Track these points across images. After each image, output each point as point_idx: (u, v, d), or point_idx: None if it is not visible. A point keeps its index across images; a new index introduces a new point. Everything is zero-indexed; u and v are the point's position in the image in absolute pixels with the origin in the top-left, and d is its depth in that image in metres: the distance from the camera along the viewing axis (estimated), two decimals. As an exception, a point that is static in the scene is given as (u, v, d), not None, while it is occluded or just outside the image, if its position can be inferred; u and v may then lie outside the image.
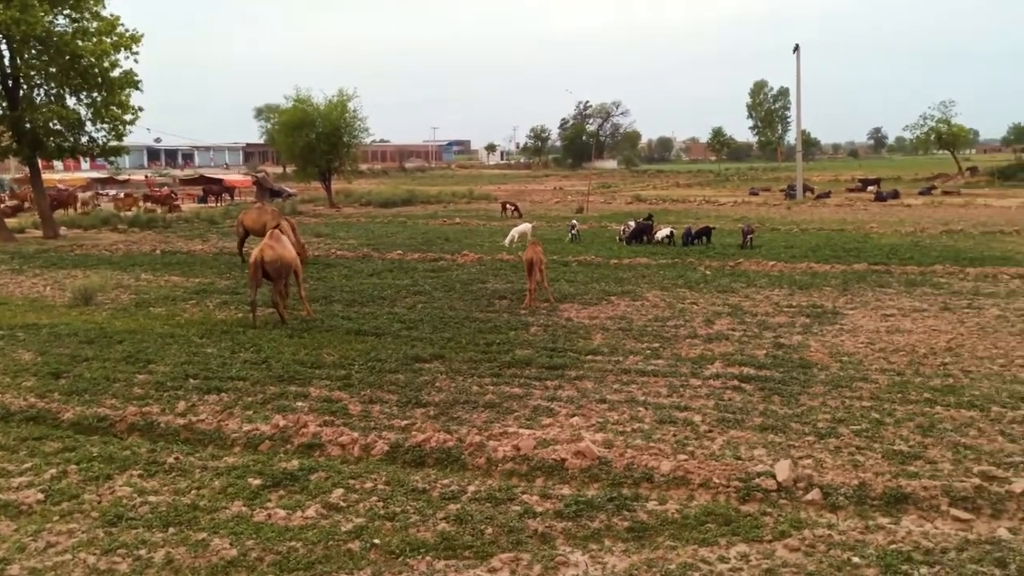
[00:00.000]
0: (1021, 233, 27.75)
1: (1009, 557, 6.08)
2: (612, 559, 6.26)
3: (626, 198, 51.11)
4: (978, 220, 32.71)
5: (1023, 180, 62.39)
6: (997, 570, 5.93)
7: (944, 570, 5.93)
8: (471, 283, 18.70)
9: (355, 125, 47.44)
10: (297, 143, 46.03)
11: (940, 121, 78.79)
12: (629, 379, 10.87)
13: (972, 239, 26.41)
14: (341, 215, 40.76)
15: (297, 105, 47.11)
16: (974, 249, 23.66)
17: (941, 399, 9.80)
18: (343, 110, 46.57)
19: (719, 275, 19.69)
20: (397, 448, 8.52)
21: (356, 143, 49.24)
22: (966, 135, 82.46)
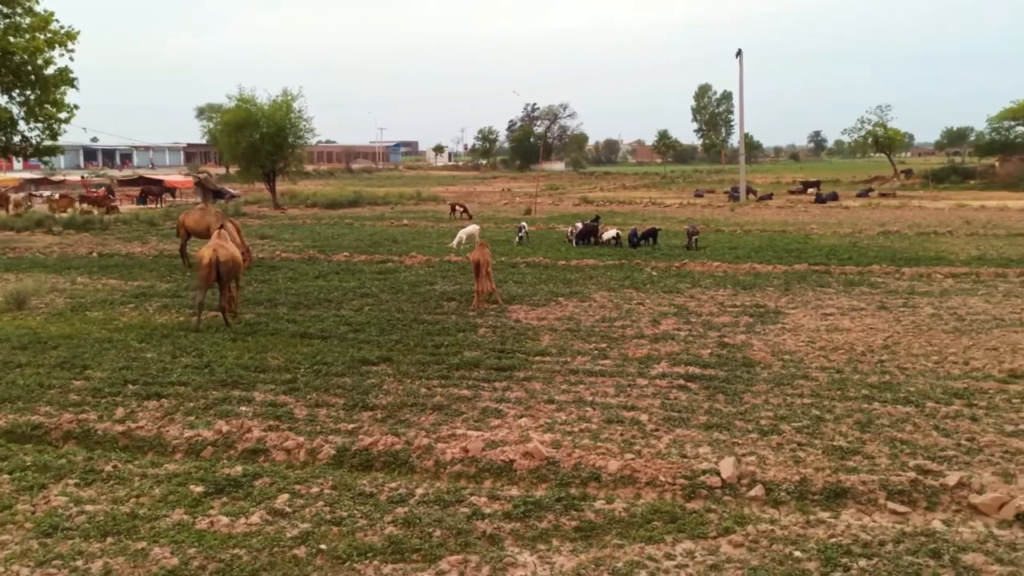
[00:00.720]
0: (954, 234, 28.71)
1: (943, 548, 6.28)
2: (560, 559, 6.29)
3: (574, 200, 51.42)
4: (913, 221, 33.74)
5: (956, 183, 64.61)
6: (932, 561, 6.11)
7: (882, 562, 6.09)
8: (419, 285, 18.61)
9: (300, 125, 46.78)
10: (240, 143, 45.19)
11: (877, 125, 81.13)
12: (577, 379, 10.93)
13: (907, 240, 27.22)
14: (286, 217, 40.18)
15: (240, 105, 46.27)
16: (909, 249, 24.40)
17: (878, 395, 10.07)
18: (288, 110, 45.88)
19: (665, 276, 19.94)
20: (344, 452, 8.43)
21: (301, 144, 48.55)
22: (901, 139, 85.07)
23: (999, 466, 7.84)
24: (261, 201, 48.32)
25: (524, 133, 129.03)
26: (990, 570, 5.96)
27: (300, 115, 46.59)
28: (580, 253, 24.32)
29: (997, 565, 6.03)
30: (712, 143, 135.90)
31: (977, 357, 11.86)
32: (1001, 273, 19.54)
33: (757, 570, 6.00)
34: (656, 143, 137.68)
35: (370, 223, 35.55)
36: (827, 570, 5.99)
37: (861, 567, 6.02)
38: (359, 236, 29.66)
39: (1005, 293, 17.03)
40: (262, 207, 45.59)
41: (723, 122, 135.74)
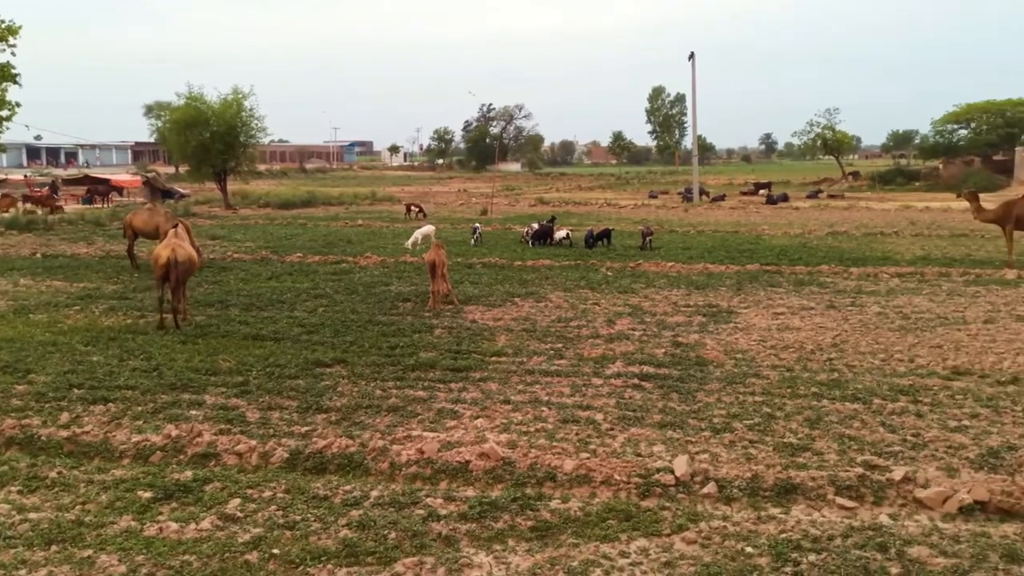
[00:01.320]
0: (899, 235, 29.45)
1: (890, 542, 6.42)
2: (516, 559, 6.29)
3: (530, 200, 51.55)
4: (860, 222, 34.52)
5: (901, 184, 66.30)
6: (879, 554, 6.25)
7: (830, 556, 6.21)
8: (374, 286, 18.48)
9: (252, 124, 46.14)
10: (190, 142, 44.41)
11: (826, 128, 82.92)
12: (533, 380, 10.95)
13: (855, 240, 27.83)
14: (238, 217, 39.58)
15: (189, 103, 45.46)
16: (857, 250, 24.96)
17: (827, 393, 10.27)
18: (239, 108, 45.21)
19: (620, 276, 20.09)
20: (297, 455, 8.32)
21: (253, 143, 47.93)
22: (849, 141, 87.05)
23: (943, 461, 8.04)
24: (212, 201, 47.53)
25: (480, 134, 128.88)
26: (934, 563, 6.11)
27: (252, 114, 46.00)
28: (536, 254, 24.39)
29: (941, 558, 6.18)
30: (666, 145, 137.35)
31: (922, 355, 12.16)
32: (945, 273, 20.08)
33: (710, 566, 6.07)
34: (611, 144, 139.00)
35: (324, 223, 35.19)
36: (778, 565, 6.09)
37: (811, 561, 6.14)
38: (313, 237, 29.35)
39: (948, 292, 17.51)
40: (213, 207, 44.84)
41: (677, 124, 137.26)
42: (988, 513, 7.01)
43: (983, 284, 18.52)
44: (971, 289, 17.87)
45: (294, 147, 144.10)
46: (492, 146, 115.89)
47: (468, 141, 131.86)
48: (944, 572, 5.98)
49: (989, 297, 16.86)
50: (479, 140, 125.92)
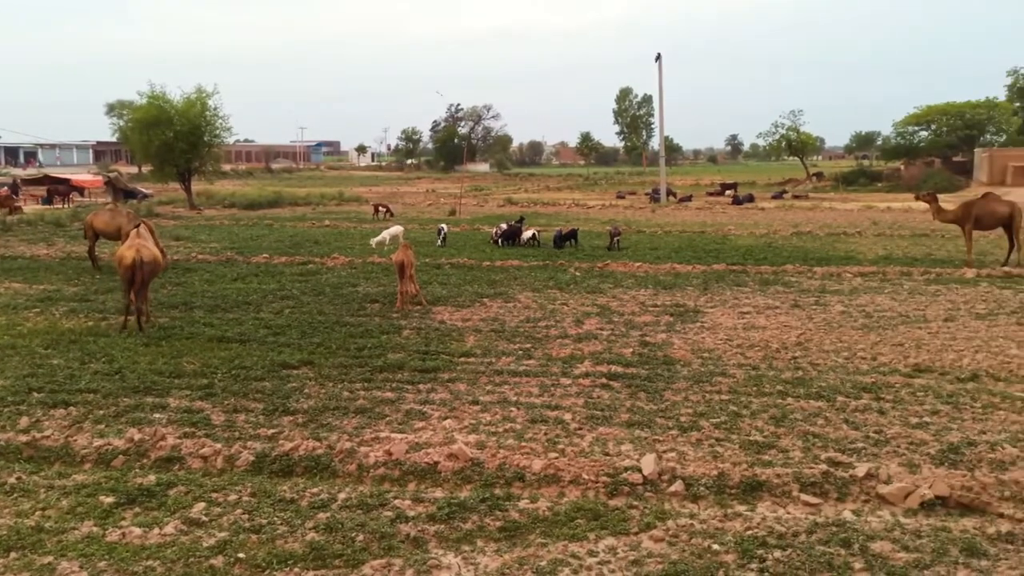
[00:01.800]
0: (862, 234, 29.90)
1: (853, 537, 6.52)
2: (484, 559, 6.29)
3: (498, 201, 51.52)
4: (824, 222, 35.00)
5: (864, 185, 67.33)
6: (843, 550, 6.34)
7: (795, 552, 6.29)
8: (341, 287, 18.35)
9: (216, 123, 45.54)
10: (153, 142, 43.70)
11: (790, 129, 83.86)
12: (502, 380, 10.95)
13: (819, 240, 28.22)
14: (202, 217, 39.07)
15: (152, 102, 44.73)
16: (821, 249, 25.30)
17: (792, 391, 10.40)
18: (203, 107, 44.61)
19: (588, 276, 20.17)
20: (263, 458, 8.24)
21: (218, 142, 47.31)
22: (813, 142, 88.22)
23: (905, 457, 8.18)
24: (176, 201, 46.85)
25: (448, 134, 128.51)
26: (896, 557, 6.22)
27: (216, 113, 45.40)
28: (504, 254, 24.39)
29: (903, 552, 6.29)
30: (633, 145, 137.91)
31: (884, 352, 12.36)
32: (906, 272, 20.43)
33: (677, 564, 6.12)
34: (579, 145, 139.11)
35: (291, 224, 34.87)
36: (744, 562, 6.16)
37: (776, 558, 6.21)
38: (279, 237, 29.07)
39: (910, 291, 17.82)
40: (177, 207, 44.21)
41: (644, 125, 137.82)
42: (949, 508, 7.15)
43: (943, 283, 18.88)
44: (932, 288, 18.20)
45: (260, 147, 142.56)
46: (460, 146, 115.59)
47: (436, 141, 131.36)
48: (906, 566, 6.09)
49: (949, 296, 17.19)
50: (447, 140, 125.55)
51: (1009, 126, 74.74)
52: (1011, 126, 74.75)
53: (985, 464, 7.95)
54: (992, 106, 75.60)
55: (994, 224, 22.32)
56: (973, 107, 75.05)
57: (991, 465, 7.93)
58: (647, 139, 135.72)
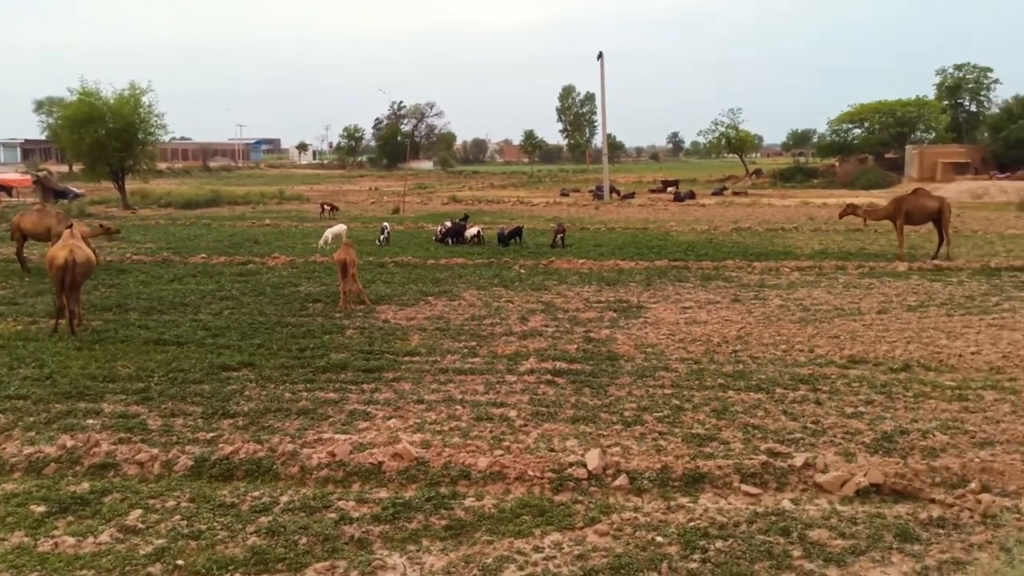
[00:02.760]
0: (799, 230, 30.62)
1: (792, 526, 6.67)
2: (430, 559, 6.25)
3: (443, 199, 51.36)
4: (763, 218, 35.74)
5: (801, 182, 68.97)
6: (782, 538, 6.48)
7: (736, 542, 6.40)
8: (282, 287, 18.06)
9: (151, 121, 44.36)
10: (84, 140, 42.36)
11: (729, 127, 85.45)
12: (447, 378, 10.90)
13: (758, 236, 28.80)
14: (137, 217, 38.05)
15: (83, 99, 43.35)
16: (760, 245, 25.83)
17: (733, 384, 10.58)
18: (136, 105, 43.41)
19: (533, 274, 20.22)
20: (202, 462, 8.05)
21: (152, 140, 46.12)
22: (752, 140, 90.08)
23: (841, 446, 8.39)
24: (109, 201, 45.53)
25: (391, 131, 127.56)
26: (833, 544, 6.37)
27: (150, 110, 44.21)
28: (449, 252, 24.31)
29: (840, 539, 6.45)
30: (577, 143, 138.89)
31: (820, 345, 12.67)
32: (841, 266, 20.98)
33: (621, 557, 6.17)
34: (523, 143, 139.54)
35: (230, 223, 34.19)
36: (686, 553, 6.24)
37: (718, 548, 6.31)
38: (218, 237, 28.47)
39: (845, 284, 18.30)
40: (110, 207, 42.96)
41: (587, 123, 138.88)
42: (883, 495, 7.35)
43: (877, 276, 19.44)
44: (866, 281, 18.73)
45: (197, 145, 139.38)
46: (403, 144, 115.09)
47: (379, 139, 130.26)
48: (843, 552, 6.24)
49: (882, 289, 17.71)
50: (390, 138, 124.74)
51: (938, 124, 77.38)
52: (940, 124, 77.41)
53: (917, 451, 8.21)
54: (922, 104, 78.16)
55: (924, 219, 23.08)
56: (904, 105, 77.47)
57: (923, 452, 8.18)
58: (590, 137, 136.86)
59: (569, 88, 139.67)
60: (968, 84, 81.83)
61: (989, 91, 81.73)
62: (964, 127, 79.50)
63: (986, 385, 10.43)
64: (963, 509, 6.97)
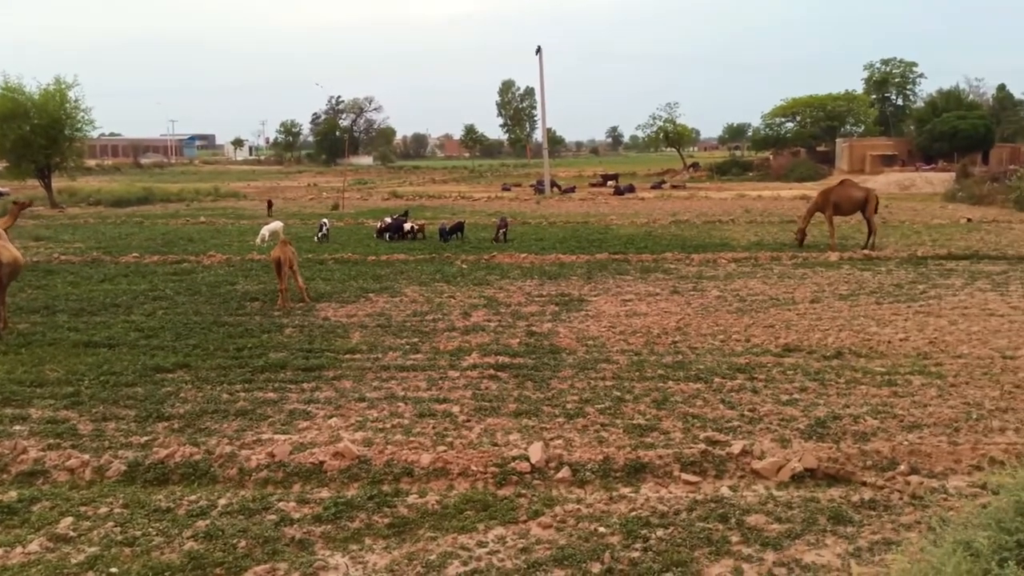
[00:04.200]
0: (735, 222, 31.24)
1: (730, 512, 6.81)
2: (373, 557, 6.20)
3: (383, 194, 50.95)
4: (700, 211, 36.34)
5: (737, 175, 70.41)
6: (720, 525, 6.61)
7: (677, 530, 6.50)
8: (219, 286, 17.68)
9: (77, 117, 42.94)
10: (8, 136, 40.76)
11: (667, 121, 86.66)
12: (389, 375, 10.83)
13: (696, 228, 29.28)
14: (65, 216, 36.81)
15: (5, 94, 41.69)
16: (698, 237, 26.27)
17: (672, 374, 10.75)
18: (62, 100, 41.96)
19: (475, 269, 20.20)
20: (136, 467, 7.84)
21: (80, 136, 44.67)
22: (689, 134, 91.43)
23: (776, 433, 8.59)
24: (35, 199, 43.86)
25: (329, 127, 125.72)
26: (770, 529, 6.52)
27: (77, 105, 42.81)
28: (390, 248, 24.12)
29: (776, 524, 6.61)
30: (517, 138, 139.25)
31: (757, 334, 12.95)
32: (776, 257, 21.48)
33: (564, 549, 6.21)
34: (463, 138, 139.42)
35: (163, 221, 33.34)
36: (628, 542, 6.32)
37: (659, 536, 6.40)
38: (150, 235, 27.73)
39: (779, 275, 18.74)
40: (36, 206, 41.34)
41: (527, 117, 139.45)
42: (817, 479, 7.56)
43: (810, 267, 19.95)
44: (799, 271, 19.20)
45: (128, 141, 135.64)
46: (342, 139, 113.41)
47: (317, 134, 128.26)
48: (779, 537, 6.40)
49: (815, 278, 18.18)
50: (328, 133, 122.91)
51: (867, 117, 79.83)
52: (868, 117, 79.87)
53: (849, 436, 8.45)
54: (851, 98, 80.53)
55: (852, 209, 23.76)
56: (834, 99, 79.68)
57: (854, 437, 8.43)
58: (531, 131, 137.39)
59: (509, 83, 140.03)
60: (895, 78, 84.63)
61: (914, 85, 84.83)
62: (891, 120, 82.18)
63: (914, 370, 10.80)
64: (893, 491, 7.20)
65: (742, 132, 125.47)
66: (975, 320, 13.67)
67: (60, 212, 38.95)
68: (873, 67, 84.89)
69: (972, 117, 62.23)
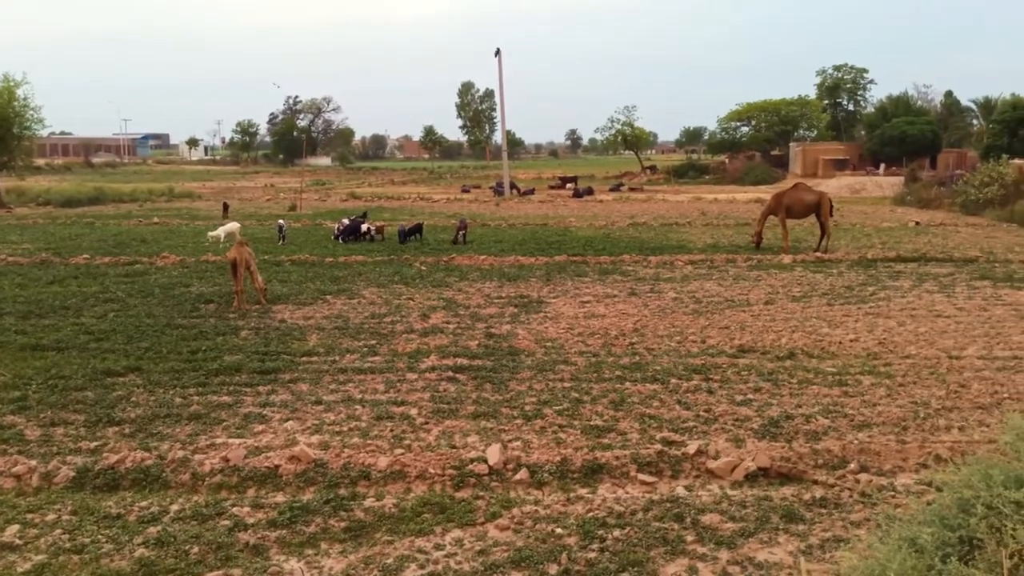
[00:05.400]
0: (692, 225, 31.60)
1: (686, 511, 6.89)
2: (329, 562, 6.15)
3: (341, 195, 50.52)
4: (658, 214, 36.71)
5: (693, 178, 71.26)
6: (676, 524, 6.68)
7: (633, 530, 6.56)
8: (172, 288, 17.37)
9: (26, 115, 41.91)
10: (-47, 135, 39.71)
11: (625, 124, 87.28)
12: (346, 378, 10.75)
13: (653, 231, 29.56)
14: (13, 216, 35.82)
15: (-48, 90, 40.61)
16: (655, 239, 26.52)
17: (630, 375, 10.84)
18: (10, 97, 40.91)
19: (434, 270, 20.14)
20: (85, 473, 7.68)
21: (29, 135, 43.58)
22: (647, 137, 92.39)
23: (731, 433, 8.72)
24: (-19, 199, 42.71)
25: (287, 127, 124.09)
26: (724, 527, 6.62)
27: (26, 103, 41.80)
28: (348, 250, 23.93)
29: (730, 522, 6.71)
30: (477, 140, 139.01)
31: (712, 335, 13.12)
32: (731, 259, 21.79)
33: (522, 550, 6.23)
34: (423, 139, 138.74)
35: (115, 222, 32.63)
36: (585, 543, 6.36)
37: (615, 536, 6.45)
38: (102, 236, 27.13)
39: (735, 277, 19.00)
40: (-17, 205, 40.31)
41: (487, 119, 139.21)
42: (770, 478, 7.69)
43: (764, 269, 20.27)
44: (754, 273, 19.50)
45: (79, 140, 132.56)
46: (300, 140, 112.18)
47: (274, 135, 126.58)
48: (733, 535, 6.49)
49: (769, 280, 18.48)
50: (286, 133, 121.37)
51: (819, 122, 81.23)
52: (821, 122, 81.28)
53: (801, 435, 8.61)
54: (804, 104, 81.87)
55: (804, 212, 24.20)
56: (788, 104, 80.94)
57: (806, 436, 8.59)
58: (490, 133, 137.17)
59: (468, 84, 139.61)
60: (846, 84, 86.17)
61: (865, 91, 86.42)
62: (843, 125, 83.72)
63: (864, 370, 11.04)
64: (843, 489, 7.36)
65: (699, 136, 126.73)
66: (922, 321, 14.01)
67: (8, 212, 37.91)
68: (825, 73, 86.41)
69: (920, 123, 63.71)
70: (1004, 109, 51.21)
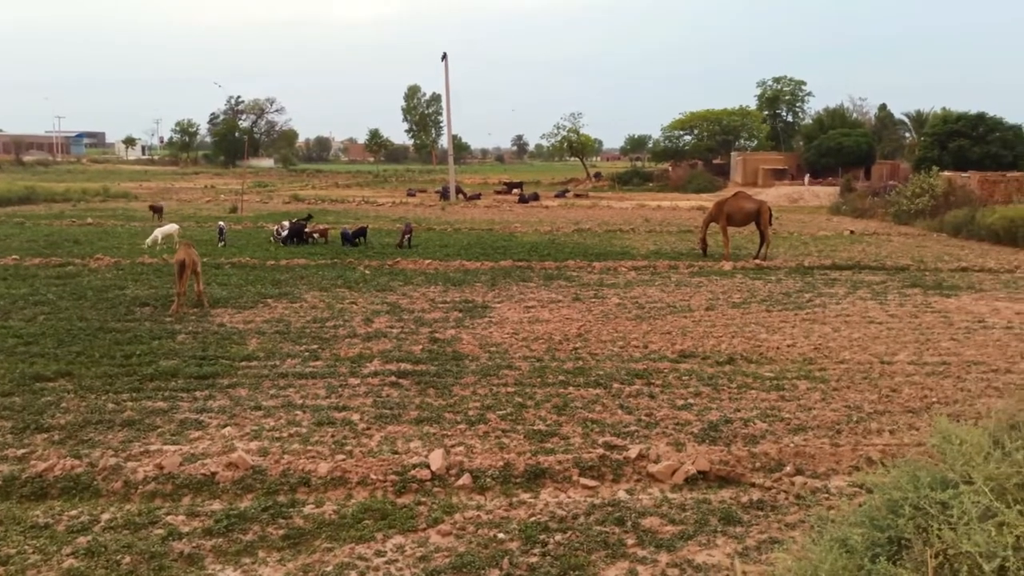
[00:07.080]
0: (635, 231, 31.98)
1: (627, 515, 6.95)
2: (267, 570, 6.04)
3: (284, 198, 49.81)
4: (602, 220, 37.06)
5: (637, 185, 72.18)
6: (617, 528, 6.74)
7: (575, 534, 6.59)
8: (107, 290, 16.88)
9: (-46, 109, 40.35)
10: None
11: (571, 131, 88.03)
12: (286, 383, 10.58)
13: (598, 237, 29.82)
14: (-62, 214, 34.44)
15: None
16: (599, 245, 26.76)
17: (573, 380, 10.90)
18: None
19: (378, 274, 19.98)
20: (12, 481, 7.40)
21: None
22: (592, 144, 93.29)
23: (672, 437, 8.83)
24: (-97, 196, 40.91)
25: (228, 127, 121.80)
26: (664, 530, 6.69)
27: (-47, 97, 40.19)
28: (290, 253, 23.59)
29: (670, 525, 6.79)
30: (423, 143, 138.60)
31: (654, 341, 13.28)
32: (674, 265, 22.10)
33: (464, 556, 6.21)
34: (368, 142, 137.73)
35: (46, 222, 31.60)
36: (527, 548, 6.36)
37: (557, 541, 6.48)
38: (32, 237, 26.23)
39: (677, 283, 19.28)
40: (-96, 203, 38.63)
41: (433, 123, 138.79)
42: (709, 481, 7.80)
43: (705, 275, 20.61)
44: (696, 280, 19.82)
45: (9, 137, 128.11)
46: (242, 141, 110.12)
47: (215, 135, 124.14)
48: (672, 538, 6.57)
49: (710, 287, 18.80)
50: (227, 134, 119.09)
51: (760, 132, 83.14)
52: (761, 132, 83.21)
53: (740, 439, 8.77)
54: (745, 114, 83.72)
55: (744, 220, 24.70)
56: (729, 114, 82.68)
57: (744, 440, 8.75)
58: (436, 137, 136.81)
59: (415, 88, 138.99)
60: (785, 96, 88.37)
61: (803, 103, 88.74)
62: (782, 135, 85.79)
63: (800, 375, 11.30)
64: (780, 491, 7.51)
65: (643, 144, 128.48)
66: (856, 327, 14.41)
67: (-70, 210, 36.41)
68: (765, 84, 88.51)
69: (856, 134, 65.64)
70: (935, 122, 53.06)
